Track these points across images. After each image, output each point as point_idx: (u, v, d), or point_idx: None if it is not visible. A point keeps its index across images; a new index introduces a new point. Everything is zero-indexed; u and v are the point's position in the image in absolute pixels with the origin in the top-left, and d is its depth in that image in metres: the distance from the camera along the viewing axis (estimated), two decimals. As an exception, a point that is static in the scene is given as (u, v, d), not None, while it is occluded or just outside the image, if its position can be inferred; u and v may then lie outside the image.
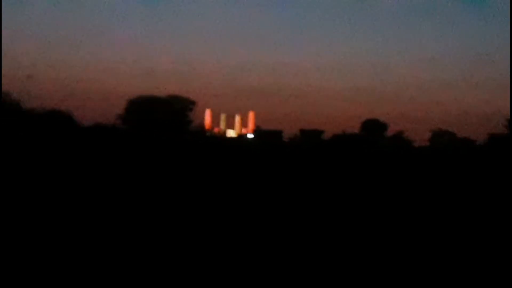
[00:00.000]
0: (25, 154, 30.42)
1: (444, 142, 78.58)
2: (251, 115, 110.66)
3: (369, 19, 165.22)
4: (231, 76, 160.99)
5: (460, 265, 8.03)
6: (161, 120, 63.48)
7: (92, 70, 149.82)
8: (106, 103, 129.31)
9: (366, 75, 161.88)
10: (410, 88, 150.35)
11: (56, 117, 62.79)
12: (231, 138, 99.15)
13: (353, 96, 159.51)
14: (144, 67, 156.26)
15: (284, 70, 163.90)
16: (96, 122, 66.78)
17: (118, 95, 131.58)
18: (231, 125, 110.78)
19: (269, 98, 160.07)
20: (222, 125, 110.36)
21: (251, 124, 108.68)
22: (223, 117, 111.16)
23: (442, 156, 52.06)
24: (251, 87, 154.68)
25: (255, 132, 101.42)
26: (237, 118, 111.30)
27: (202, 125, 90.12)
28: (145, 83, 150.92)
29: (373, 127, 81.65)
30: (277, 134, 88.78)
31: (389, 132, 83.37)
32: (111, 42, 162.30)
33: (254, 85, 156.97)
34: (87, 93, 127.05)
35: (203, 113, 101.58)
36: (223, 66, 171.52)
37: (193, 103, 76.38)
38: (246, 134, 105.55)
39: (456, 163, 40.64)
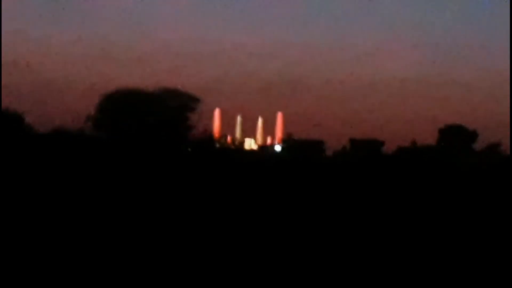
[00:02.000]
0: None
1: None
2: (279, 118, 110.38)
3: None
4: (250, 65, 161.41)
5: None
6: (148, 123, 62.95)
7: (53, 55, 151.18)
8: (73, 101, 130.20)
9: (444, 60, 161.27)
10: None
11: (1, 119, 62.74)
12: (251, 151, 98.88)
13: (427, 91, 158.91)
14: (128, 51, 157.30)
15: (325, 57, 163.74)
16: (57, 126, 66.81)
17: (90, 90, 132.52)
18: (250, 133, 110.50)
19: (304, 94, 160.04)
20: (238, 132, 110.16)
21: (279, 131, 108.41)
22: (239, 120, 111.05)
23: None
24: (279, 80, 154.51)
25: (285, 142, 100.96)
26: (259, 122, 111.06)
27: (209, 132, 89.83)
28: (129, 73, 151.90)
29: (456, 136, 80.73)
30: (317, 145, 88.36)
31: (480, 144, 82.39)
32: (81, 15, 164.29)
33: (282, 77, 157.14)
34: (46, 87, 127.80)
35: (211, 114, 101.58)
36: (238, 50, 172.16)
37: (196, 100, 75.59)
38: (272, 145, 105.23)
39: None
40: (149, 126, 67.36)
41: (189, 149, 71.12)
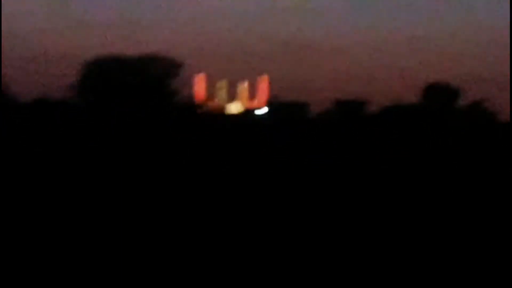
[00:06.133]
0: None
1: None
2: (263, 81, 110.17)
3: None
4: (233, 27, 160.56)
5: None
6: (131, 90, 62.76)
7: (32, 23, 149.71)
8: (54, 69, 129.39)
9: (425, 19, 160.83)
10: (493, 37, 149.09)
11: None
12: (235, 115, 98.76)
13: (408, 50, 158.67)
14: (109, 18, 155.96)
15: (309, 18, 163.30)
16: (39, 95, 66.61)
17: (71, 58, 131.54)
18: (234, 97, 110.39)
19: (287, 57, 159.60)
20: (222, 96, 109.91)
21: (263, 95, 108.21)
22: (223, 84, 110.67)
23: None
24: (262, 42, 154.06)
25: (270, 105, 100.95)
26: (243, 86, 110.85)
27: (191, 97, 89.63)
28: (110, 40, 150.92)
29: (440, 94, 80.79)
30: (302, 107, 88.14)
31: (464, 101, 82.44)
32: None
33: (266, 39, 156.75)
34: (28, 56, 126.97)
35: (194, 80, 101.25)
36: (220, 12, 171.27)
37: (178, 65, 75.45)
38: (257, 109, 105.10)
39: None
40: (130, 93, 66.59)
41: (174, 114, 70.71)
